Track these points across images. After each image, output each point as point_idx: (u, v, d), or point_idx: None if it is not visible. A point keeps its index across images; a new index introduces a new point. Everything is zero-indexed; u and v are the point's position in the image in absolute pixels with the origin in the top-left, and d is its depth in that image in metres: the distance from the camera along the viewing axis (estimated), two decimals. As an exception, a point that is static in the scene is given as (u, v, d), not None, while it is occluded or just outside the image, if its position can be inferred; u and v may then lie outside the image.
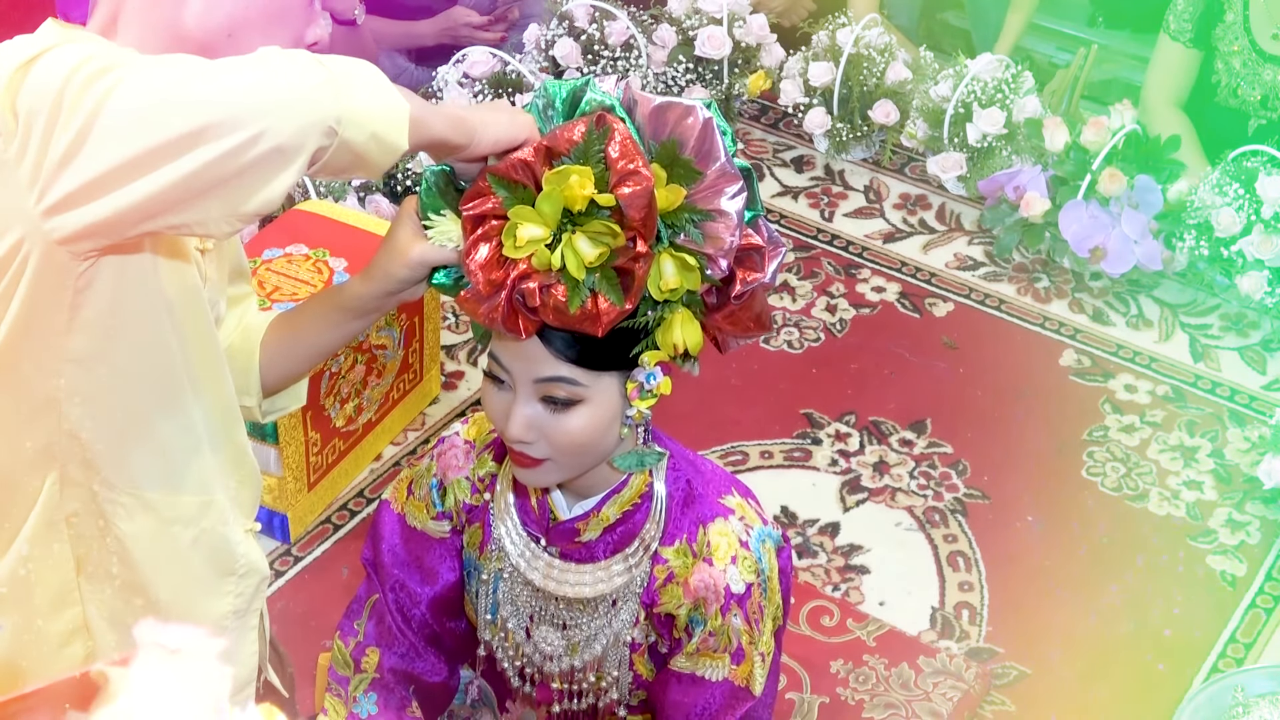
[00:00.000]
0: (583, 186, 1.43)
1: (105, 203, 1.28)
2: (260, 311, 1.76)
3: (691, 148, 1.48)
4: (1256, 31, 3.23)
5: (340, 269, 2.59)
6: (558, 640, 1.75)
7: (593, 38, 3.52)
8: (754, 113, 3.67)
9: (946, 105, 3.34)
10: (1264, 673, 2.25)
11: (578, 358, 1.52)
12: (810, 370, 2.97)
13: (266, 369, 1.70)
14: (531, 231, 1.45)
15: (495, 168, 1.48)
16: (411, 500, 1.79)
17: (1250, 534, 2.65)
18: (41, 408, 1.46)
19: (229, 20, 1.44)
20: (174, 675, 0.79)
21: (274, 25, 1.46)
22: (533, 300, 1.45)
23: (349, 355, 2.55)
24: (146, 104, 1.27)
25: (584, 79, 1.53)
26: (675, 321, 1.52)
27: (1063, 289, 3.18)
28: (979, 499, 2.70)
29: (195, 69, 1.30)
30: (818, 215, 3.37)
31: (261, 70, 1.30)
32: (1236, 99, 3.28)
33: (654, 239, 1.47)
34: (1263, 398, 2.92)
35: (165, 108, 1.27)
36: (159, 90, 1.28)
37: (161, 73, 1.29)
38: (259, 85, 1.29)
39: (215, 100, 1.27)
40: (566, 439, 1.56)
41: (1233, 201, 3.01)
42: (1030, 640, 2.45)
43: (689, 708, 1.70)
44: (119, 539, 1.53)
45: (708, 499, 1.69)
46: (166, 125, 1.26)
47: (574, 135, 1.46)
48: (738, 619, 1.66)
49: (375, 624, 1.82)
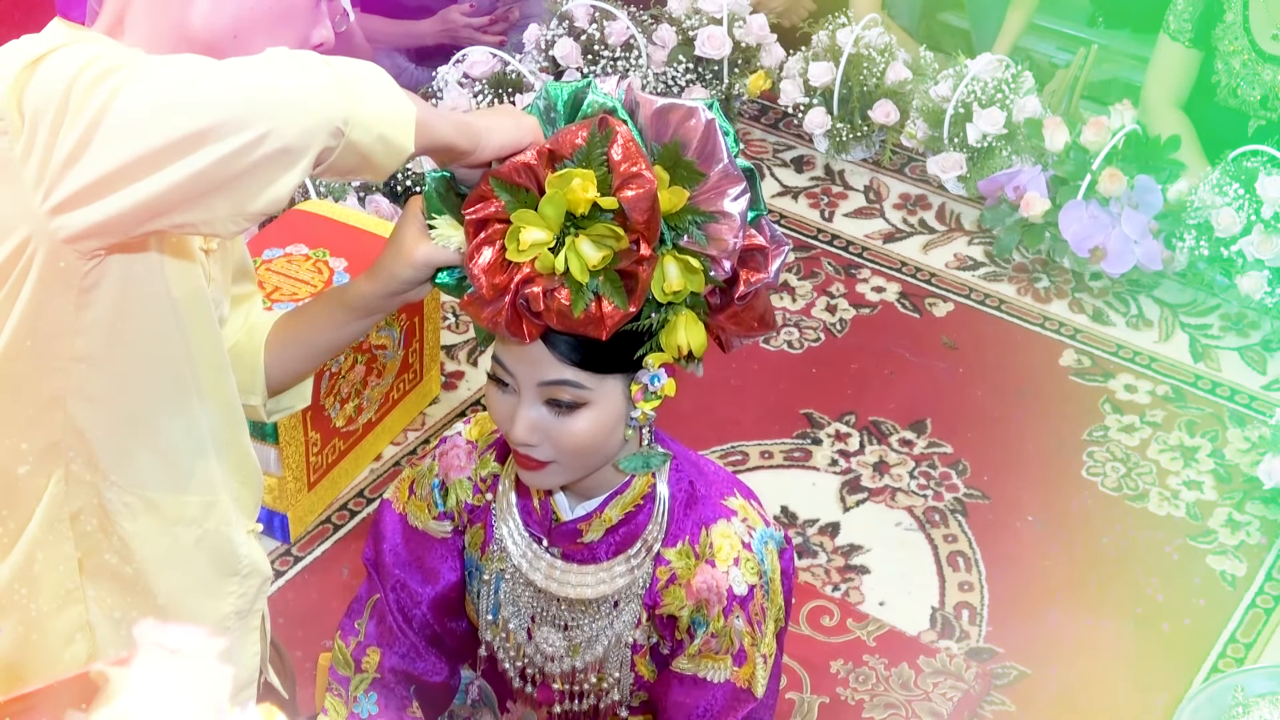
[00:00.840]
0: (585, 190, 1.43)
1: (111, 202, 1.28)
2: (264, 311, 1.76)
3: (694, 149, 1.48)
4: (1256, 32, 3.23)
5: (340, 269, 2.59)
6: (559, 641, 1.75)
7: (593, 38, 3.52)
8: (754, 113, 3.68)
9: (946, 105, 3.34)
10: (1264, 673, 2.25)
11: (582, 361, 1.52)
12: (810, 370, 2.98)
13: (271, 368, 1.71)
14: (534, 235, 1.45)
15: (498, 171, 1.47)
16: (413, 500, 1.79)
17: (1250, 534, 2.65)
18: (47, 406, 1.46)
19: (235, 21, 1.44)
20: (174, 675, 0.79)
21: (280, 26, 1.46)
22: (537, 305, 1.45)
23: (349, 355, 2.55)
24: (153, 104, 1.27)
25: (585, 81, 1.52)
26: (679, 323, 1.52)
27: (1063, 289, 3.18)
28: (979, 499, 2.70)
29: (202, 69, 1.30)
30: (818, 215, 3.37)
31: (269, 70, 1.30)
32: (1236, 99, 3.28)
33: (657, 241, 1.47)
34: (1263, 398, 2.92)
35: (172, 107, 1.27)
36: (166, 90, 1.28)
37: (168, 72, 1.29)
38: (266, 85, 1.29)
39: (222, 100, 1.27)
40: (571, 442, 1.56)
41: (1233, 201, 3.01)
42: (1030, 640, 2.45)
43: (691, 709, 1.70)
44: (122, 538, 1.53)
45: (710, 500, 1.69)
46: (173, 125, 1.26)
47: (576, 139, 1.46)
48: (740, 621, 1.66)
49: (376, 624, 1.82)
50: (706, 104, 1.49)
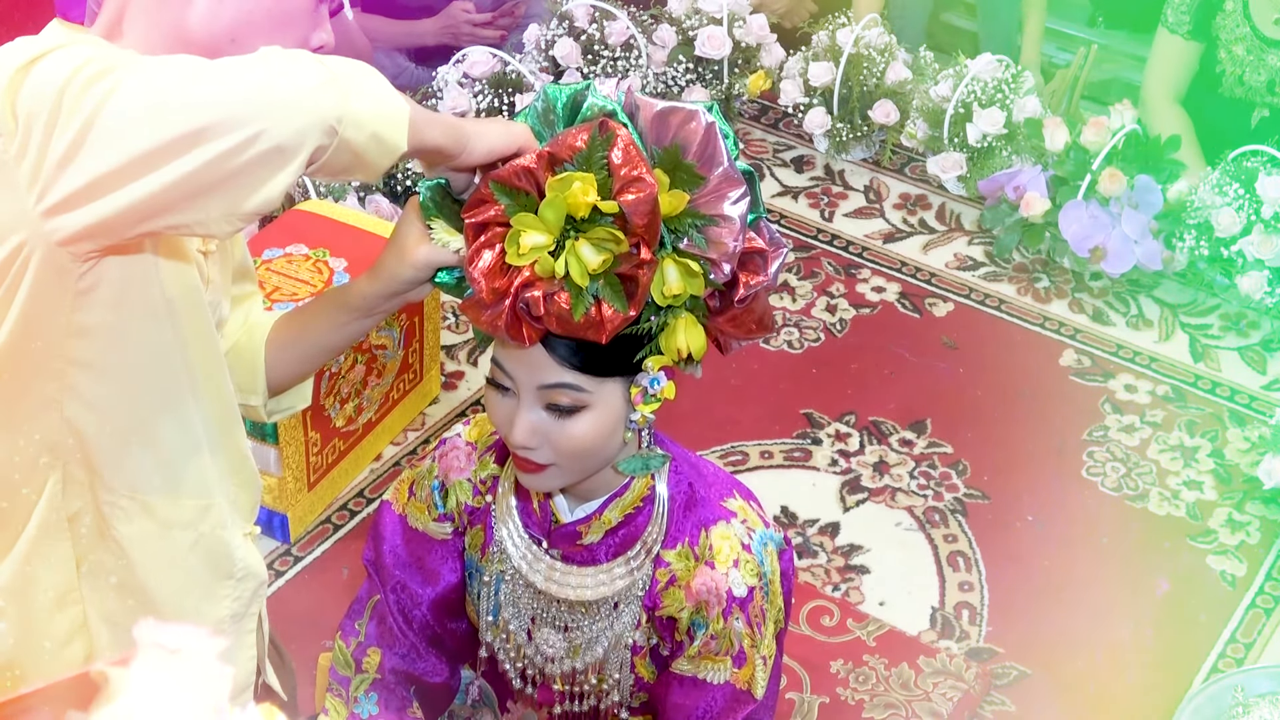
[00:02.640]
0: (586, 193, 1.43)
1: (105, 203, 1.28)
2: (265, 311, 1.76)
3: (694, 153, 1.48)
4: (1257, 18, 3.23)
5: (340, 269, 2.59)
6: (559, 642, 1.75)
7: (593, 38, 3.52)
8: (754, 113, 3.67)
9: (946, 105, 3.34)
10: (1264, 673, 2.25)
11: (581, 364, 1.52)
12: (810, 370, 2.98)
13: (272, 368, 1.70)
14: (534, 239, 1.45)
15: (498, 174, 1.47)
16: (413, 501, 1.79)
17: (1250, 534, 2.65)
18: (44, 408, 1.46)
19: (233, 24, 1.44)
20: (174, 676, 0.79)
21: (279, 30, 1.45)
22: (537, 309, 1.45)
23: (349, 355, 2.55)
24: (146, 105, 1.27)
25: (585, 83, 1.52)
26: (679, 326, 1.52)
27: (1063, 289, 3.18)
28: (979, 499, 2.70)
29: (195, 70, 1.30)
30: (818, 215, 3.37)
31: (262, 70, 1.30)
32: (1243, 86, 3.28)
33: (657, 245, 1.47)
34: (1263, 398, 2.93)
35: (165, 109, 1.27)
36: (159, 91, 1.28)
37: (161, 74, 1.29)
38: (260, 84, 1.29)
39: (215, 100, 1.27)
40: (570, 445, 1.56)
41: (1233, 201, 3.01)
42: (1030, 640, 2.45)
43: (690, 710, 1.70)
44: (118, 541, 1.53)
45: (710, 502, 1.69)
46: (166, 126, 1.26)
47: (576, 142, 1.45)
48: (739, 622, 1.66)
49: (376, 624, 1.82)
50: (706, 107, 1.49)
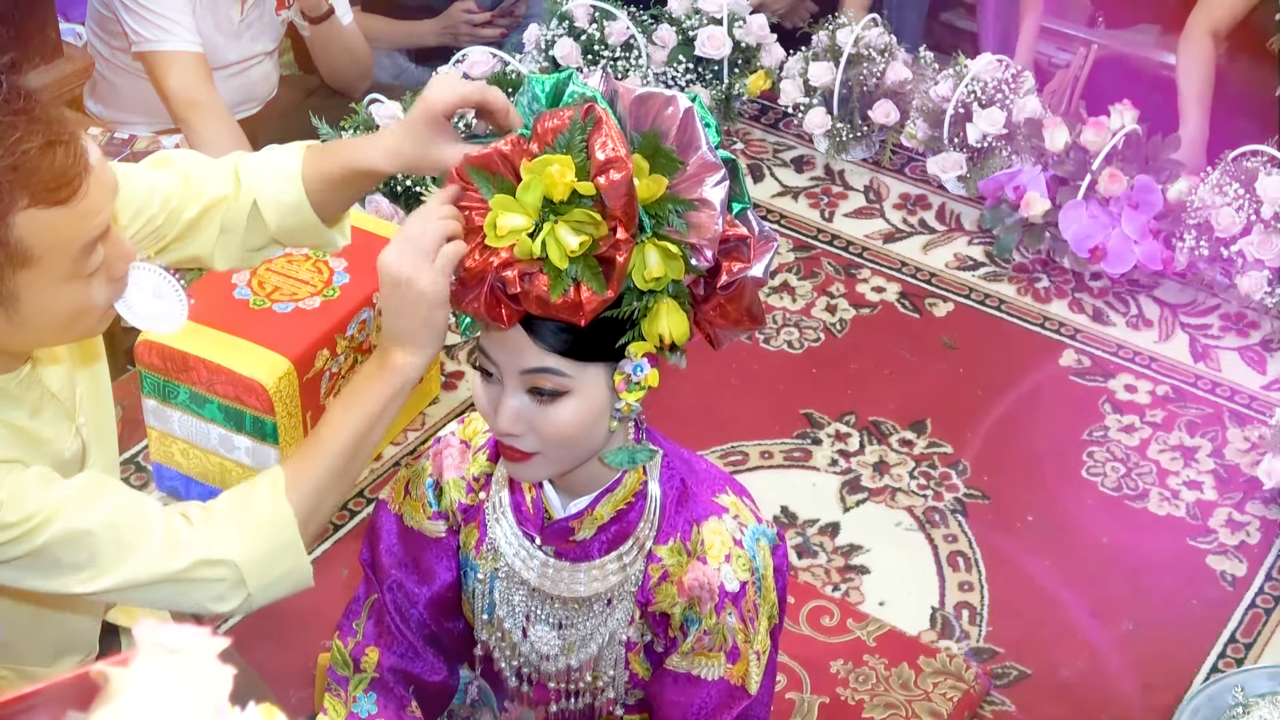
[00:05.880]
0: (564, 175, 1.44)
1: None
2: (226, 171, 1.86)
3: (673, 138, 1.50)
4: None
5: (340, 269, 2.60)
6: (554, 640, 1.75)
7: (593, 38, 3.52)
8: (754, 113, 3.67)
9: (946, 105, 3.34)
10: (1264, 673, 2.25)
11: (564, 348, 1.52)
12: (810, 370, 2.97)
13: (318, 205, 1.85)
14: (513, 221, 1.47)
15: (475, 158, 1.50)
16: (408, 500, 1.79)
17: (1250, 534, 2.65)
18: None
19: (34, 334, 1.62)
20: (174, 675, 0.79)
21: (64, 328, 1.62)
22: (513, 287, 1.47)
23: (349, 355, 2.55)
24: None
25: (567, 72, 1.54)
26: (660, 311, 1.52)
27: (1063, 289, 3.18)
28: (979, 499, 2.70)
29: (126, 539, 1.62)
30: (818, 215, 3.37)
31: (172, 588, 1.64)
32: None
33: (635, 227, 1.48)
34: (1263, 398, 2.92)
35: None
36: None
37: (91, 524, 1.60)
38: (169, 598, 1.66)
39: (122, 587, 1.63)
40: (554, 430, 1.56)
41: (1233, 201, 3.01)
42: (1030, 640, 2.45)
43: (685, 707, 1.70)
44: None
45: (701, 497, 1.69)
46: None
47: (552, 122, 1.48)
48: (732, 617, 1.66)
49: (374, 624, 1.82)
50: (690, 96, 1.51)
